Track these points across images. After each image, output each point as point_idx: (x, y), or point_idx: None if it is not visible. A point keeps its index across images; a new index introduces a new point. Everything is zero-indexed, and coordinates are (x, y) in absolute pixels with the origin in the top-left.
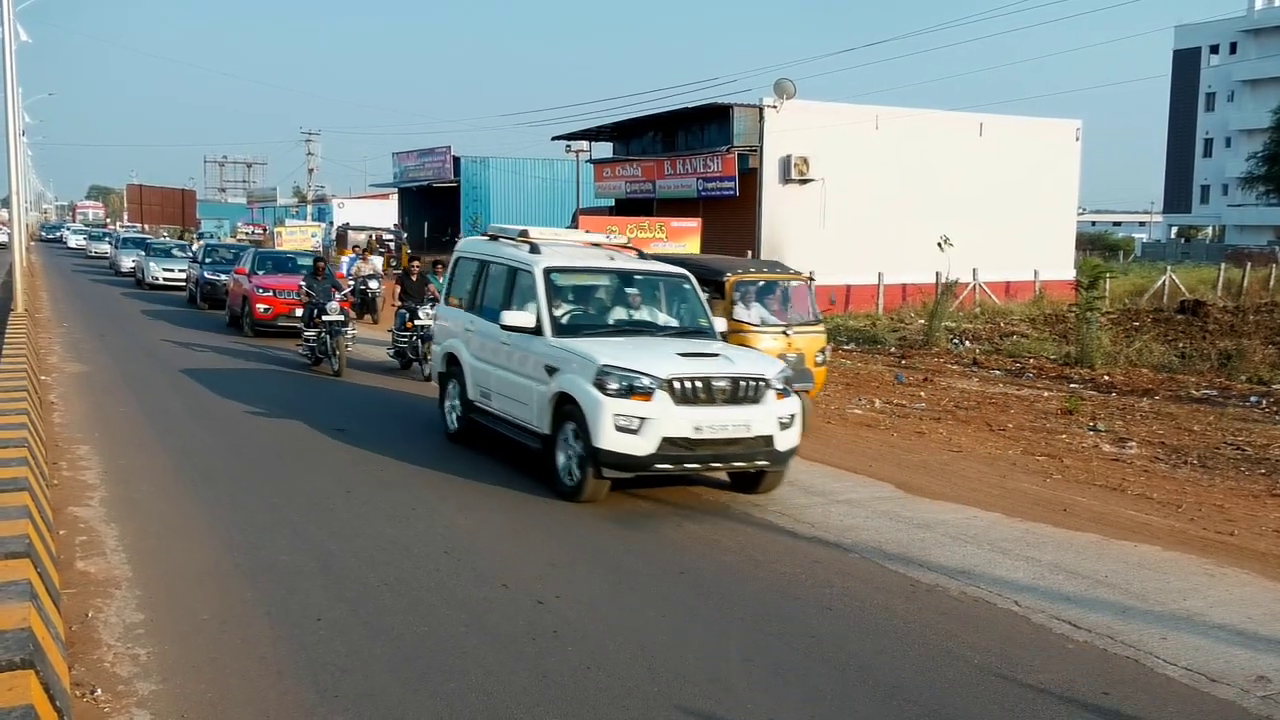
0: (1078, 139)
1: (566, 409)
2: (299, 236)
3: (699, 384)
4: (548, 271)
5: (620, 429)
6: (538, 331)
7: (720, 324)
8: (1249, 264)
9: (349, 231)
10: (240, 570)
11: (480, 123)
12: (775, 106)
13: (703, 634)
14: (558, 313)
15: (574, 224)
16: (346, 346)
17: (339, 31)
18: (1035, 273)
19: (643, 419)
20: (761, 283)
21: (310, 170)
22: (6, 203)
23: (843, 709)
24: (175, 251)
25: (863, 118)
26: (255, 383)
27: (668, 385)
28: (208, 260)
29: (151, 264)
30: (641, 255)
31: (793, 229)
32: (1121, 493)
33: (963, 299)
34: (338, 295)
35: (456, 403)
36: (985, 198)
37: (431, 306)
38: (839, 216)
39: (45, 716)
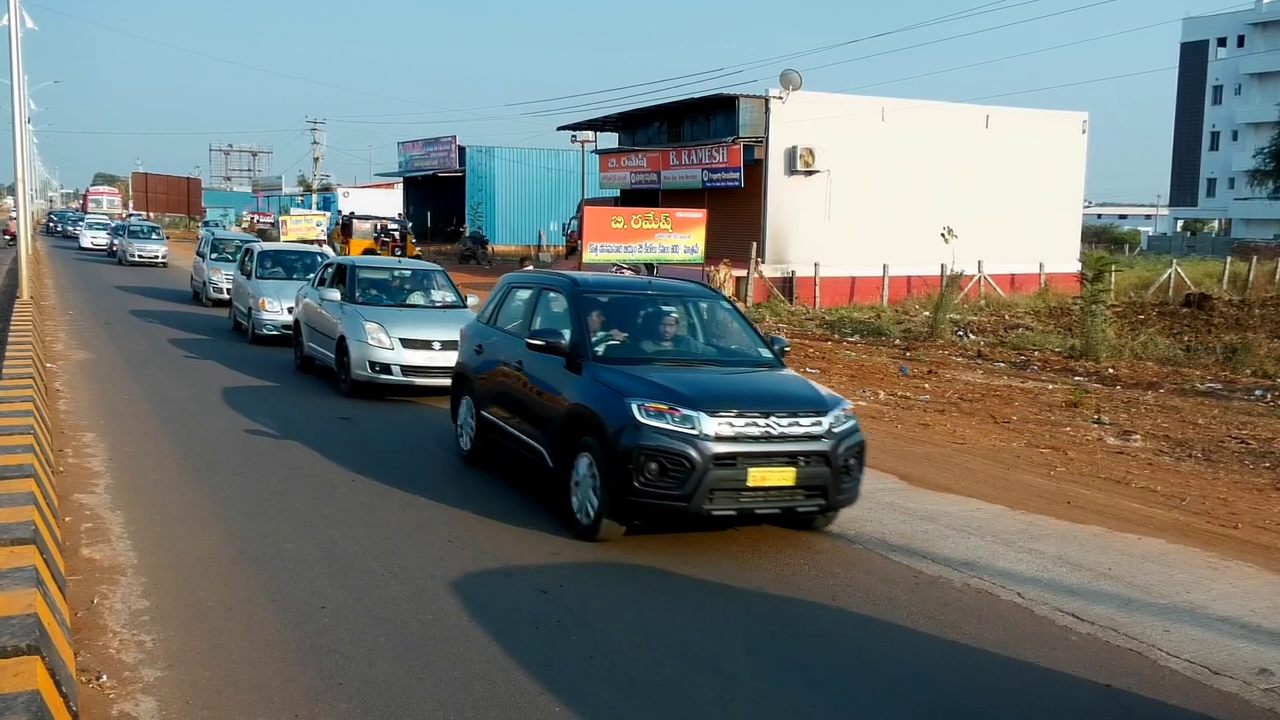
0: (1084, 131)
1: None
2: (304, 225)
3: None
4: None
5: None
6: None
7: None
8: (1255, 258)
9: (354, 221)
10: (245, 557)
11: (486, 112)
12: (781, 97)
13: (706, 624)
14: None
15: (579, 214)
16: None
17: (345, 21)
18: (1040, 265)
19: None
20: None
21: (316, 159)
22: (12, 191)
23: (846, 700)
24: (415, 293)
25: (869, 109)
26: (263, 375)
27: None
28: (538, 318)
29: (370, 323)
30: None
31: (798, 220)
32: (1125, 485)
33: (968, 291)
34: None
35: None
36: (991, 190)
37: None
38: (844, 208)
39: (51, 702)
